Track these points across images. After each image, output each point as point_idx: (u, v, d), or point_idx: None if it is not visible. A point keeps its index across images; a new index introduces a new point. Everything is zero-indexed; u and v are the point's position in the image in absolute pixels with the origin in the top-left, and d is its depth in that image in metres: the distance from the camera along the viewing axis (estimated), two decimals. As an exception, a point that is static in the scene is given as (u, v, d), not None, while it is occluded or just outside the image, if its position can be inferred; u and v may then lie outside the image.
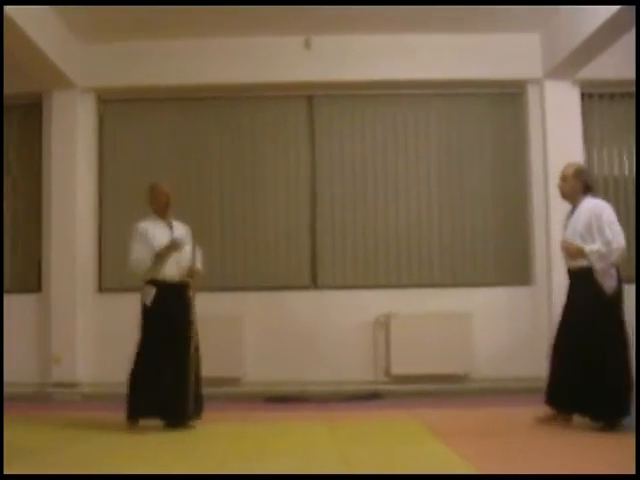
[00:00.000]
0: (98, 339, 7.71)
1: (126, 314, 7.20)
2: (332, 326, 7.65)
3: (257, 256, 7.72)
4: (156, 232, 5.67)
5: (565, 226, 5.48)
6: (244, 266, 7.68)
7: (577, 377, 5.13)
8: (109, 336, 7.64)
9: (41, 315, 7.75)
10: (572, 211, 5.43)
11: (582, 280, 5.24)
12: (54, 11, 7.05)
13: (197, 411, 5.58)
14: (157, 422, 5.52)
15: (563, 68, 7.34)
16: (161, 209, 5.79)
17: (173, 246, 5.57)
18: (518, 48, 7.66)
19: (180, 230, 5.81)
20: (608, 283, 5.11)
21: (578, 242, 5.20)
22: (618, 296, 5.17)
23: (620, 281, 5.17)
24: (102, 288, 7.88)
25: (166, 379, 5.44)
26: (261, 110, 7.97)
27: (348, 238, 7.85)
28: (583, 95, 7.76)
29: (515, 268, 7.79)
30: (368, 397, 7.35)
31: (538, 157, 7.70)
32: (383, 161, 7.93)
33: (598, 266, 5.08)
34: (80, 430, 5.60)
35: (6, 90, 7.58)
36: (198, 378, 5.60)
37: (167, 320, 5.55)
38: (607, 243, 5.06)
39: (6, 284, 7.82)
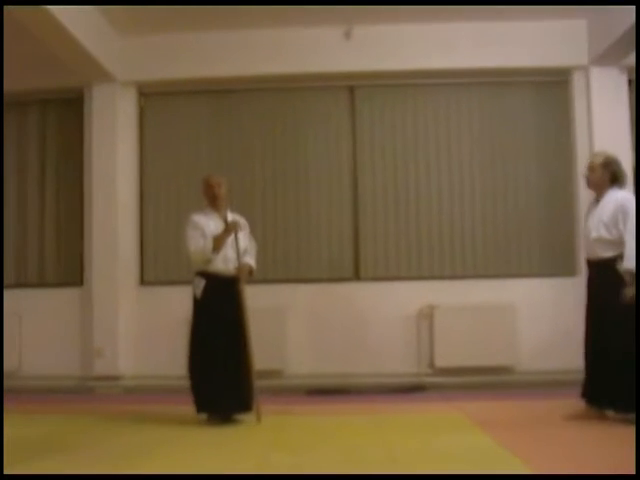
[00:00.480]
0: (140, 332, 7.73)
1: (168, 307, 7.64)
2: (375, 318, 7.58)
3: (299, 248, 7.68)
4: (209, 224, 5.58)
5: (587, 216, 5.38)
6: (286, 259, 7.66)
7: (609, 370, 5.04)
8: (151, 329, 7.70)
9: (83, 309, 7.79)
10: (597, 201, 5.31)
11: (606, 272, 5.09)
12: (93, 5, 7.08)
13: (248, 404, 5.52)
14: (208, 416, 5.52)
15: (610, 54, 7.21)
16: (213, 201, 5.72)
17: (231, 228, 5.49)
18: (563, 35, 7.53)
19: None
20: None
21: (603, 234, 5.09)
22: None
23: None
24: (144, 281, 7.89)
25: (215, 373, 5.39)
26: (302, 101, 7.92)
27: (390, 230, 7.78)
28: (630, 82, 7.60)
29: (559, 259, 7.68)
30: (411, 389, 7.31)
31: (584, 146, 7.56)
32: (425, 151, 7.85)
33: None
34: (120, 424, 5.61)
35: (47, 84, 7.89)
36: (249, 371, 5.50)
37: (216, 312, 5.47)
38: (634, 240, 4.92)
39: (48, 278, 7.98)
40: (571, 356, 6.89)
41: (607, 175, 5.25)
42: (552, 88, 7.82)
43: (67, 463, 4.12)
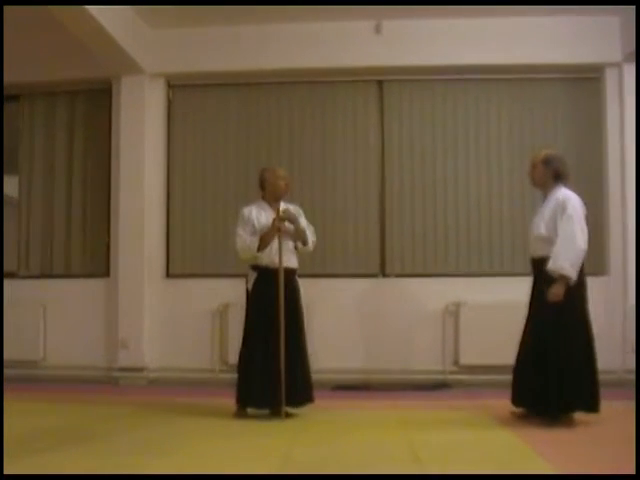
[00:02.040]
0: (165, 324, 7.76)
1: (193, 300, 7.70)
2: (400, 315, 7.56)
3: (325, 243, 7.58)
4: (261, 217, 5.54)
5: (536, 215, 5.36)
6: (312, 253, 7.26)
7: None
8: (176, 322, 7.73)
9: (109, 300, 7.83)
10: (543, 200, 5.32)
11: (542, 270, 5.08)
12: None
13: (304, 396, 5.51)
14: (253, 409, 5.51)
15: (644, 51, 7.11)
16: (280, 194, 5.66)
17: (274, 227, 5.41)
18: (596, 31, 7.45)
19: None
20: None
21: (542, 232, 5.12)
22: (581, 287, 5.09)
23: (583, 273, 5.09)
24: (169, 274, 7.90)
25: (263, 367, 5.34)
26: (331, 95, 7.90)
27: (417, 225, 7.74)
28: (663, 79, 7.48)
29: (589, 257, 7.50)
30: (436, 387, 7.28)
31: (615, 144, 7.49)
32: (453, 147, 7.79)
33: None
34: (144, 415, 5.64)
35: (75, 75, 7.89)
36: (303, 363, 5.53)
37: (268, 306, 5.39)
38: (565, 239, 4.95)
39: (74, 269, 8.00)
40: (600, 355, 6.83)
41: (549, 172, 5.24)
42: (584, 85, 7.73)
43: (89, 453, 4.14)
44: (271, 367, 5.28)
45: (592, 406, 4.97)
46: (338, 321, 7.59)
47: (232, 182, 7.73)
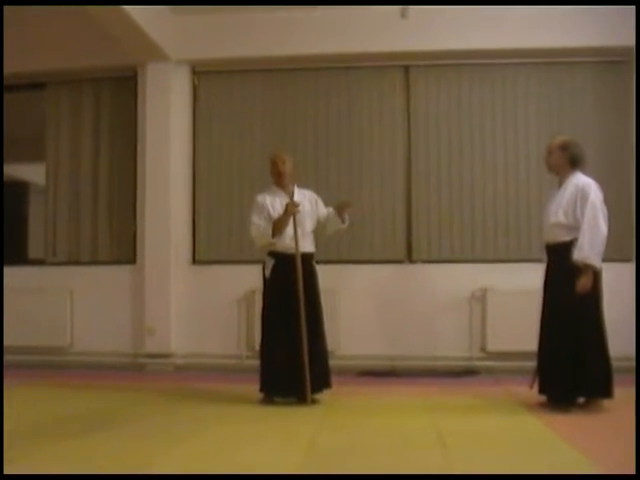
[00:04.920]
0: (191, 311, 7.77)
1: (220, 286, 7.73)
2: (427, 301, 7.53)
3: (352, 229, 7.35)
4: (275, 203, 5.55)
5: (550, 201, 5.35)
6: (338, 240, 7.49)
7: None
8: (202, 308, 7.75)
9: (135, 286, 7.86)
10: (559, 186, 5.30)
11: (563, 255, 5.11)
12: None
13: (323, 382, 5.52)
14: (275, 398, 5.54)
15: (674, 34, 6.99)
16: (278, 178, 5.67)
17: (289, 211, 5.41)
18: (625, 14, 7.26)
19: (300, 197, 5.68)
20: None
21: (561, 219, 5.12)
22: (597, 274, 5.13)
23: None
24: (196, 260, 7.91)
25: (285, 355, 5.38)
26: (357, 81, 7.85)
27: (444, 210, 7.69)
28: (694, 62, 7.37)
29: (616, 243, 7.41)
30: (463, 373, 7.26)
31: (643, 128, 7.37)
32: (480, 132, 7.71)
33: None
34: (171, 400, 5.69)
35: (100, 63, 7.90)
36: (322, 349, 5.54)
37: (286, 292, 5.42)
38: (590, 227, 4.98)
39: (101, 255, 8.04)
40: (624, 343, 6.78)
41: (566, 158, 5.23)
42: (613, 68, 7.61)
43: (114, 438, 4.20)
44: (294, 355, 5.30)
45: (607, 391, 5.00)
46: (364, 307, 7.59)
47: (257, 168, 7.64)
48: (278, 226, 5.43)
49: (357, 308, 7.56)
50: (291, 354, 5.33)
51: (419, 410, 5.23)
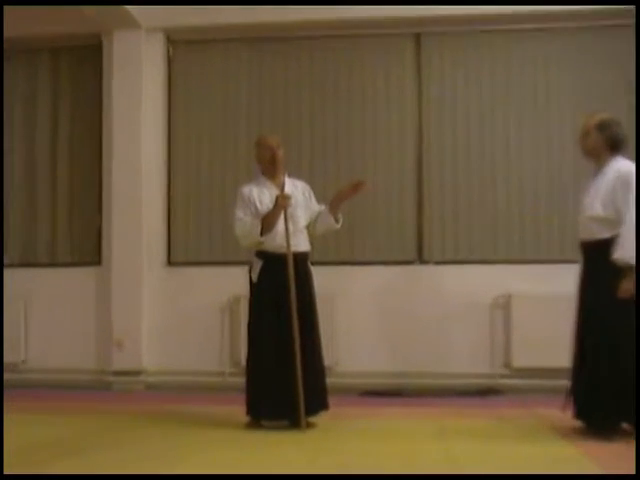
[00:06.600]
0: (166, 321, 7.41)
1: (199, 292, 7.41)
2: (440, 308, 7.07)
3: (353, 225, 7.09)
4: (263, 196, 5.19)
5: (587, 191, 4.93)
6: (337, 237, 6.97)
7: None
8: (179, 317, 7.41)
9: (101, 292, 7.49)
10: (596, 173, 4.88)
11: (600, 255, 4.66)
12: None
13: (317, 404, 5.16)
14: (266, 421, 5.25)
15: None
16: (272, 166, 5.26)
17: (279, 205, 5.04)
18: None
19: (292, 189, 5.34)
20: None
21: (599, 212, 4.71)
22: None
23: None
24: (171, 261, 7.52)
25: (275, 371, 5.06)
26: (359, 51, 7.42)
27: (461, 204, 7.20)
28: None
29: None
30: (483, 393, 6.82)
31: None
32: (503, 110, 7.17)
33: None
34: (143, 425, 5.44)
35: (59, 30, 7.74)
36: (317, 366, 5.18)
37: (276, 298, 5.08)
38: (633, 223, 4.54)
39: (61, 256, 7.77)
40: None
41: (605, 140, 4.81)
42: None
43: (81, 468, 3.98)
44: (286, 371, 5.03)
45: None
46: (367, 316, 7.19)
47: (243, 154, 7.18)
48: (267, 222, 5.09)
49: (359, 317, 7.19)
50: (282, 371, 5.03)
51: (430, 436, 4.97)
